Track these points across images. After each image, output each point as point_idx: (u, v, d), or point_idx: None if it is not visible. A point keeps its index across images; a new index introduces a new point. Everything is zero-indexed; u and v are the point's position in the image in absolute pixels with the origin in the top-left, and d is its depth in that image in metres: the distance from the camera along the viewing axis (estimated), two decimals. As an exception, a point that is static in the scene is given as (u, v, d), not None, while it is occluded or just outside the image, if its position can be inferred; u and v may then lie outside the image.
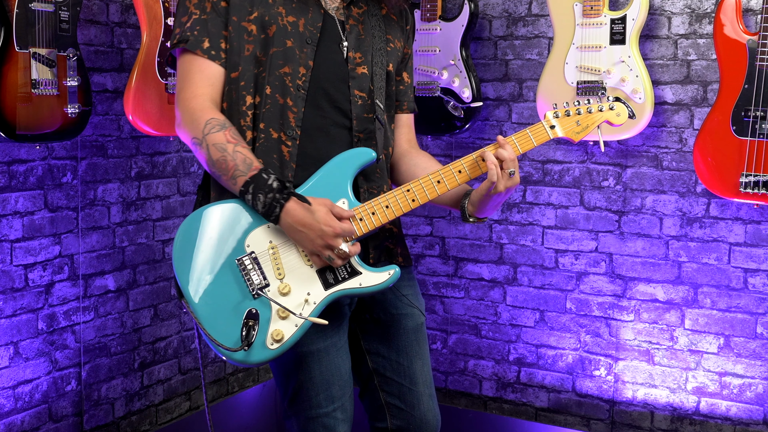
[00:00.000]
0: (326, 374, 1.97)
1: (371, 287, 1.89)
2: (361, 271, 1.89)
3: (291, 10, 1.97)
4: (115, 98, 3.02)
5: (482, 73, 3.40)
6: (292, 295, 1.86)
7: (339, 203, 1.90)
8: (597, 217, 3.25)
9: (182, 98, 1.94)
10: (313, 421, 1.98)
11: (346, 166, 1.93)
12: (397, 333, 2.10)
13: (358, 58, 2.02)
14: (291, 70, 1.95)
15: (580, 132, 2.01)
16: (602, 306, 3.26)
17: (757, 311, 3.02)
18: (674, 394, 3.15)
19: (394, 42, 2.10)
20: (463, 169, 1.94)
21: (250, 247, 1.88)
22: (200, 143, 1.90)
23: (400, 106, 2.17)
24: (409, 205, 1.93)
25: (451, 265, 3.52)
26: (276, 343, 1.84)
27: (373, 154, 1.94)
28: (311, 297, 1.87)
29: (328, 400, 1.97)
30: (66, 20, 2.59)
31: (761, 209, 2.98)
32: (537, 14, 3.30)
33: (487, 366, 3.48)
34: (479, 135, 3.41)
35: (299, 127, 1.95)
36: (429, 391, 2.13)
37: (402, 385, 2.10)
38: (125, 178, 3.09)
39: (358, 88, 2.01)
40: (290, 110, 1.95)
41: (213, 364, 3.55)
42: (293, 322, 1.85)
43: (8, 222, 2.70)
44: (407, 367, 2.10)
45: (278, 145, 1.94)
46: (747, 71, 2.76)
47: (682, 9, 3.06)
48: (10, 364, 2.74)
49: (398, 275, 1.90)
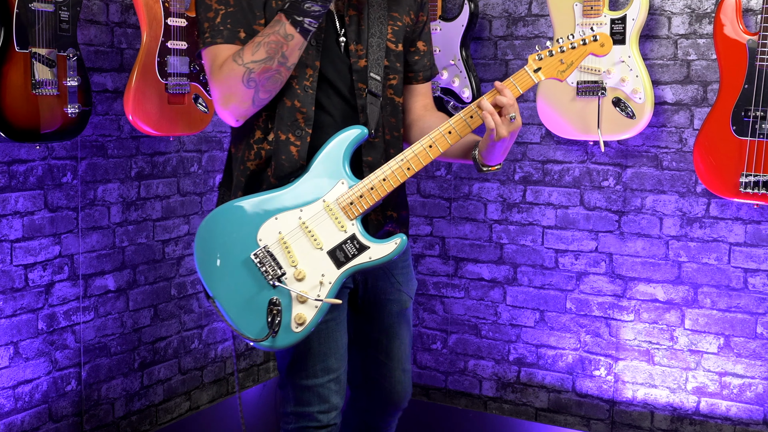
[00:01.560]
0: (324, 347, 2.06)
1: (381, 258, 1.96)
2: (369, 245, 1.96)
3: None
4: (115, 98, 3.02)
5: (482, 73, 3.40)
6: (307, 279, 1.95)
7: (338, 184, 1.97)
8: (597, 217, 3.25)
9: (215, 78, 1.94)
10: (309, 390, 2.07)
11: (339, 147, 1.98)
12: (381, 315, 2.22)
13: (359, 50, 2.04)
14: (297, 73, 1.98)
15: (565, 70, 2.01)
16: (602, 306, 3.26)
17: (757, 311, 3.02)
18: (674, 394, 3.15)
19: (401, 18, 2.13)
20: (453, 129, 1.98)
21: (263, 240, 1.96)
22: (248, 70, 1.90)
23: (415, 77, 2.22)
24: (405, 174, 1.97)
25: (451, 265, 3.52)
26: (300, 327, 1.94)
27: (365, 130, 1.99)
28: (326, 278, 1.95)
29: (324, 371, 2.06)
30: (66, 20, 2.59)
31: (761, 209, 2.98)
32: (537, 14, 3.30)
33: (487, 366, 3.48)
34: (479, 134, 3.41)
35: (309, 126, 1.99)
36: (402, 366, 2.27)
37: (377, 358, 2.24)
38: (125, 178, 3.09)
39: (360, 81, 2.04)
40: (299, 111, 1.99)
41: (213, 364, 3.55)
42: (313, 305, 1.94)
43: (8, 222, 2.70)
44: (386, 345, 2.25)
45: (287, 146, 1.99)
46: (747, 71, 2.76)
47: (682, 9, 3.06)
48: (10, 364, 2.74)
49: (405, 244, 1.97)
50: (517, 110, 1.95)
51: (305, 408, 2.09)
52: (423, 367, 3.60)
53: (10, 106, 2.47)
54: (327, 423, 2.10)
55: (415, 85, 2.23)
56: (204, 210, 3.45)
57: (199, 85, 3.02)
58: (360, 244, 1.96)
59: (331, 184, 1.97)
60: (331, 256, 1.96)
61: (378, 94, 2.06)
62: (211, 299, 1.99)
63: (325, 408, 2.09)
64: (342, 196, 1.97)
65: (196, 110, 3.02)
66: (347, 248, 1.96)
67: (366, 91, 2.04)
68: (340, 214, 1.97)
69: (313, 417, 2.09)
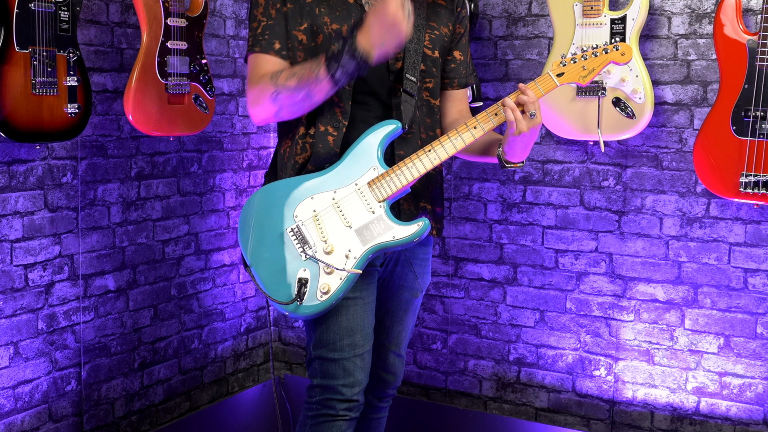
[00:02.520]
0: (352, 322, 2.20)
1: (404, 238, 2.14)
2: (394, 226, 2.14)
3: (335, 19, 2.19)
4: (115, 98, 3.02)
5: (482, 73, 3.40)
6: (335, 253, 2.14)
7: (370, 170, 2.16)
8: (597, 217, 3.25)
9: (251, 84, 2.18)
10: (335, 363, 2.20)
11: (374, 138, 2.17)
12: (390, 298, 2.39)
13: (397, 53, 2.20)
14: None
15: (586, 75, 2.17)
16: (602, 306, 3.26)
17: (757, 311, 3.02)
18: (674, 394, 3.15)
19: (439, 29, 2.30)
20: (478, 124, 2.15)
21: (298, 217, 2.16)
22: (277, 92, 2.13)
23: (450, 84, 2.39)
24: (430, 161, 2.15)
25: (451, 265, 3.52)
26: (324, 295, 2.12)
27: (398, 123, 2.17)
28: (352, 252, 2.13)
29: (350, 347, 2.20)
30: (66, 20, 2.59)
31: (761, 209, 2.98)
32: (537, 14, 3.30)
33: (487, 366, 3.48)
34: (479, 135, 3.41)
35: (345, 119, 2.19)
36: (397, 350, 2.44)
37: (377, 337, 2.36)
38: (125, 178, 3.09)
39: (397, 81, 2.22)
40: (337, 106, 2.19)
41: (213, 364, 3.55)
42: (338, 276, 2.12)
43: (8, 222, 2.70)
44: (387, 327, 2.41)
45: (325, 137, 2.19)
46: (747, 71, 2.76)
47: (682, 9, 3.06)
48: (10, 364, 2.74)
49: (428, 226, 2.14)
50: (539, 108, 2.12)
51: (330, 381, 2.20)
52: (423, 367, 3.60)
53: (10, 106, 2.47)
54: (350, 397, 2.20)
55: (450, 91, 2.39)
56: (204, 210, 3.45)
57: (199, 85, 3.02)
58: (385, 224, 2.14)
59: (363, 169, 2.16)
60: (359, 233, 2.14)
61: (413, 94, 2.22)
62: (248, 268, 2.19)
63: (349, 381, 2.20)
64: (372, 180, 2.15)
65: (196, 110, 3.02)
66: (373, 227, 2.14)
67: (401, 91, 2.21)
68: (370, 196, 2.15)
69: (337, 390, 2.20)
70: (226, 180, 3.55)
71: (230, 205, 3.57)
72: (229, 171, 3.56)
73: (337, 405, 2.20)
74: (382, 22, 2.01)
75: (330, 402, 2.21)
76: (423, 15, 2.26)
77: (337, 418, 2.21)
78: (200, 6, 3.01)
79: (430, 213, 2.34)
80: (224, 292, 3.58)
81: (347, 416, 2.22)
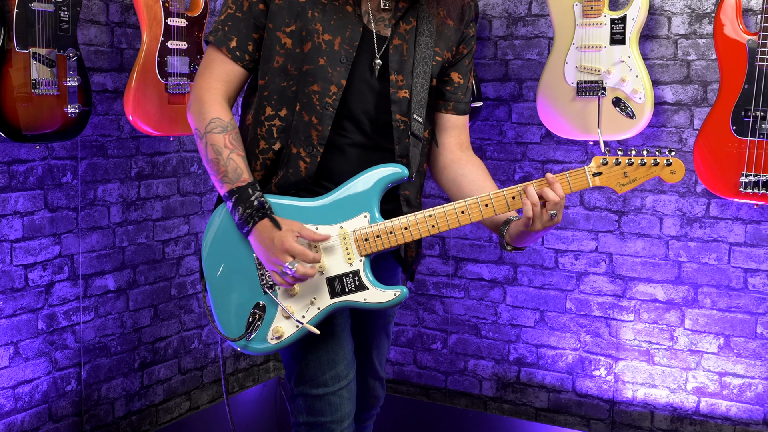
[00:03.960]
0: (332, 353, 2.03)
1: (375, 304, 1.93)
2: (368, 287, 1.93)
3: (328, 28, 1.95)
4: (115, 98, 3.02)
5: (482, 73, 3.40)
6: (298, 297, 1.94)
7: (360, 216, 1.94)
8: (597, 217, 3.25)
9: (198, 85, 2.01)
10: (320, 399, 2.04)
11: (374, 180, 1.95)
12: (364, 327, 2.23)
13: (400, 81, 2.00)
14: (320, 89, 1.95)
15: (625, 184, 1.92)
16: (602, 306, 3.26)
17: (757, 311, 3.02)
18: (674, 394, 3.15)
19: (442, 54, 2.06)
20: (491, 203, 1.92)
21: None
22: (201, 137, 1.98)
23: (445, 106, 2.13)
24: (429, 231, 1.93)
25: (451, 265, 3.52)
26: (275, 339, 1.95)
27: (406, 172, 1.96)
28: (316, 302, 1.94)
29: (334, 379, 2.04)
30: (66, 20, 2.59)
31: (761, 209, 2.98)
32: (537, 14, 3.30)
33: (487, 366, 3.48)
34: (479, 135, 3.41)
35: (321, 145, 1.97)
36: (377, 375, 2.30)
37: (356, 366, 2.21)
38: (125, 178, 3.09)
39: (399, 112, 2.00)
40: (314, 128, 1.96)
41: (213, 364, 3.55)
42: (294, 324, 1.94)
43: (8, 222, 2.70)
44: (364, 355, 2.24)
45: (296, 161, 1.98)
46: (747, 71, 2.76)
47: (682, 9, 3.06)
48: (10, 364, 2.74)
49: (405, 296, 1.93)
50: (561, 208, 1.88)
51: (318, 418, 2.06)
52: (423, 367, 3.60)
53: (10, 106, 2.47)
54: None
55: (445, 115, 2.14)
56: (204, 210, 3.45)
57: (199, 85, 3.02)
58: (360, 282, 1.93)
59: (353, 213, 1.94)
60: (329, 283, 1.94)
61: (420, 137, 2.02)
62: (202, 281, 2.02)
63: (337, 417, 2.06)
64: (360, 229, 1.94)
65: (196, 110, 3.02)
66: (347, 282, 1.94)
67: (410, 134, 2.01)
68: (353, 246, 1.94)
69: (326, 427, 2.06)
70: (226, 180, 3.55)
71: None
72: (229, 171, 3.56)
73: None
74: (269, 249, 1.88)
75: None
76: (431, 44, 2.03)
77: None
78: (200, 6, 3.01)
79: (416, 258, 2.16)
80: (224, 292, 3.58)
81: None
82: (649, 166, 1.90)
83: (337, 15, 1.96)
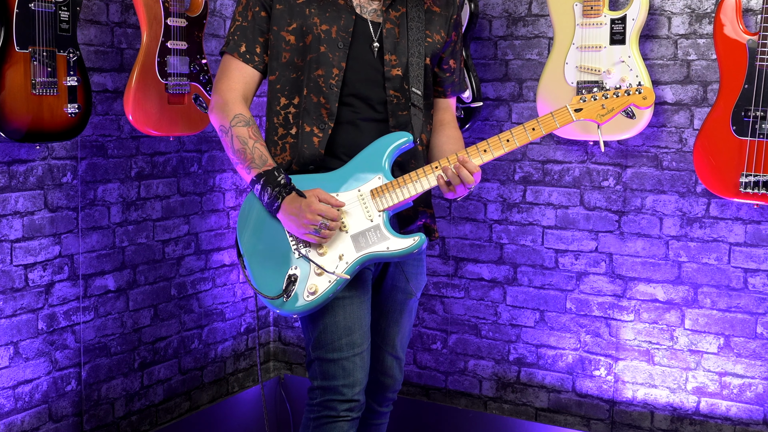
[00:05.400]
0: (349, 321, 2.21)
1: (397, 251, 2.14)
2: (389, 237, 2.15)
3: (324, 20, 2.23)
4: (115, 98, 3.02)
5: (482, 73, 3.40)
6: (328, 255, 2.15)
7: (375, 179, 2.17)
8: (597, 217, 3.25)
9: (219, 89, 2.27)
10: (334, 363, 2.20)
11: (383, 147, 2.19)
12: (386, 300, 2.39)
13: (393, 60, 2.26)
14: (324, 72, 2.22)
15: (604, 114, 2.18)
16: (602, 306, 3.26)
17: (757, 311, 3.02)
18: (674, 394, 3.15)
19: (432, 36, 2.32)
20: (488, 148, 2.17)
21: None
22: (227, 132, 2.22)
23: (444, 93, 2.43)
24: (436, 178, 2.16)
25: (451, 265, 3.52)
26: (311, 296, 2.13)
27: (410, 137, 2.20)
28: (345, 257, 2.15)
29: (349, 346, 2.20)
30: (66, 20, 2.59)
31: (761, 209, 2.98)
32: (537, 14, 3.30)
33: (487, 366, 3.48)
34: (479, 135, 3.41)
35: (332, 120, 2.22)
36: (395, 353, 2.42)
37: (374, 340, 2.36)
38: (125, 178, 3.09)
39: (392, 88, 2.25)
40: (323, 107, 2.22)
41: (213, 364, 3.55)
42: (327, 279, 2.13)
43: (8, 222, 2.70)
44: (383, 329, 2.40)
45: (310, 137, 2.22)
46: (747, 71, 2.76)
47: (682, 9, 3.06)
48: (10, 364, 2.74)
49: (423, 242, 2.15)
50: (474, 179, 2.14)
51: (330, 381, 2.20)
52: (423, 367, 3.60)
53: (10, 106, 2.47)
54: (351, 397, 2.21)
55: (439, 99, 2.43)
56: (204, 210, 3.45)
57: (198, 85, 3.02)
58: (381, 234, 2.15)
59: (369, 176, 2.18)
60: (354, 240, 2.15)
61: (421, 107, 2.27)
62: (240, 257, 2.22)
63: (349, 381, 2.20)
64: (376, 188, 2.17)
65: (196, 110, 3.02)
66: (369, 236, 2.15)
67: (410, 104, 2.26)
68: (371, 204, 2.17)
69: (338, 390, 2.20)
70: (226, 180, 3.55)
71: (230, 205, 3.57)
72: (229, 171, 3.56)
73: (338, 406, 2.20)
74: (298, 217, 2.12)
75: (331, 403, 2.21)
76: (421, 27, 2.30)
77: (338, 419, 2.21)
78: (200, 6, 3.01)
79: (430, 217, 2.36)
80: (224, 292, 3.58)
81: (349, 417, 2.22)
82: (622, 95, 2.17)
83: (331, 8, 2.25)
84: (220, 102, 2.25)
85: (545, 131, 2.15)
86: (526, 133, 2.16)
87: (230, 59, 2.29)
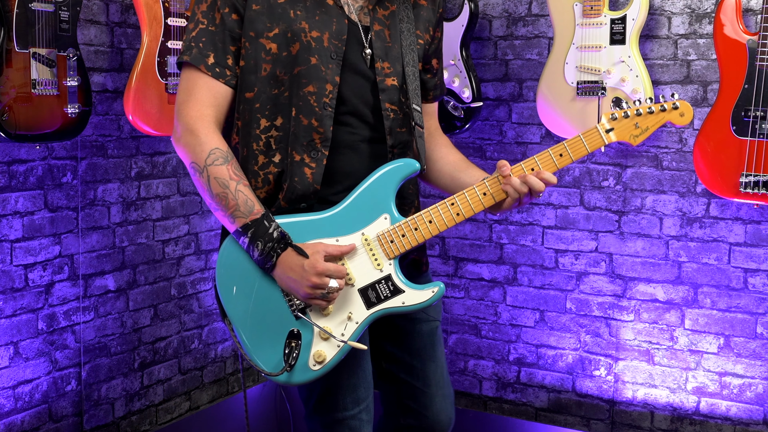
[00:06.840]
0: (353, 377, 1.93)
1: (414, 305, 1.84)
2: (404, 290, 1.84)
3: (314, 24, 1.86)
4: (115, 98, 3.02)
5: (482, 73, 3.40)
6: (333, 315, 1.83)
7: (380, 219, 1.85)
8: (597, 217, 3.25)
9: (186, 115, 1.85)
10: (340, 424, 1.94)
11: (389, 180, 1.86)
12: (411, 336, 2.07)
13: (386, 68, 1.92)
14: (316, 89, 1.85)
15: (638, 135, 1.88)
16: (602, 306, 3.26)
17: (757, 311, 3.02)
18: (674, 394, 3.15)
19: (423, 36, 2.01)
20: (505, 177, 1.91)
21: None
22: (201, 171, 1.83)
23: (425, 96, 2.10)
24: (454, 219, 1.87)
25: (451, 265, 3.52)
26: (318, 365, 1.82)
27: (417, 165, 1.87)
28: (354, 316, 1.83)
29: (354, 403, 1.94)
30: (66, 20, 2.59)
31: (761, 209, 2.98)
32: (537, 14, 3.31)
33: (487, 366, 3.48)
34: (479, 135, 3.41)
35: (326, 147, 1.86)
36: (442, 391, 2.11)
37: (415, 387, 2.08)
38: (125, 178, 3.09)
39: (388, 101, 1.93)
40: (315, 131, 1.85)
41: (213, 364, 3.55)
42: (335, 344, 1.82)
43: (8, 222, 2.70)
44: (420, 369, 2.08)
45: (301, 168, 1.85)
46: (747, 71, 2.76)
47: (682, 9, 3.06)
48: (10, 364, 2.74)
49: (442, 292, 1.85)
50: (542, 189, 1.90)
51: None
52: (423, 367, 3.60)
53: (10, 106, 2.47)
54: None
55: (425, 105, 2.10)
56: (204, 210, 3.45)
57: (199, 85, 3.01)
58: (395, 287, 1.83)
59: (373, 217, 1.85)
60: (363, 294, 1.83)
61: (422, 126, 1.96)
62: (226, 321, 1.88)
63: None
64: (384, 232, 1.84)
65: (196, 110, 3.02)
66: (381, 289, 1.83)
67: (414, 125, 1.95)
68: (379, 251, 1.84)
69: None
70: (226, 180, 3.55)
71: (230, 205, 3.57)
72: (229, 171, 3.56)
73: None
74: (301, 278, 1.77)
75: None
76: (412, 29, 1.97)
77: None
78: (200, 6, 3.01)
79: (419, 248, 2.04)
80: (224, 292, 3.58)
81: None
82: (657, 112, 1.87)
83: (320, 10, 1.87)
84: (188, 133, 1.83)
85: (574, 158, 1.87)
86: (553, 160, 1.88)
87: (195, 74, 1.85)
